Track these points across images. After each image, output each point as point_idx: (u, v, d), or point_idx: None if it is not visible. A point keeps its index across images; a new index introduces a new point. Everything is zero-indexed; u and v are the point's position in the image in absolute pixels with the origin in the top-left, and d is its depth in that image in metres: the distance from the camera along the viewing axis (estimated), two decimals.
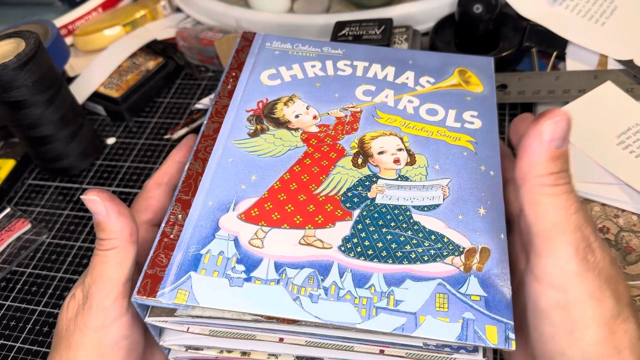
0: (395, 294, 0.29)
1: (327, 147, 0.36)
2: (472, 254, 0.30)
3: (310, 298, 0.29)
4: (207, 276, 0.30)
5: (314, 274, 0.30)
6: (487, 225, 0.32)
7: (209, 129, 0.37)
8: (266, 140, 0.36)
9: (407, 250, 0.31)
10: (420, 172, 0.34)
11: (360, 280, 0.29)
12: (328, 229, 0.32)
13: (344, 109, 0.38)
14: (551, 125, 0.26)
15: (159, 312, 0.30)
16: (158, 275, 0.30)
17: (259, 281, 0.29)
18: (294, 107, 0.38)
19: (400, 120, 0.38)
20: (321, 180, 0.34)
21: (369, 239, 0.31)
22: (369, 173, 0.34)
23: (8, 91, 0.48)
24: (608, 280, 0.26)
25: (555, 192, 0.26)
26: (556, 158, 0.26)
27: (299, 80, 0.40)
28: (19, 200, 0.55)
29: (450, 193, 0.33)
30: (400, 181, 0.34)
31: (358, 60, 0.42)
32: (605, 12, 0.56)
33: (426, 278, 0.30)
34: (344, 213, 0.32)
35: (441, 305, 0.29)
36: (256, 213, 0.32)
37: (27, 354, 0.43)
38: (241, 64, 0.42)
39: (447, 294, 0.29)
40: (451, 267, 0.30)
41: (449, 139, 0.36)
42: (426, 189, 0.34)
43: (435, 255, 0.30)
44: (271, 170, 0.35)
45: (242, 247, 0.31)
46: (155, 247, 0.31)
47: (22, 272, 0.49)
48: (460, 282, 0.29)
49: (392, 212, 0.33)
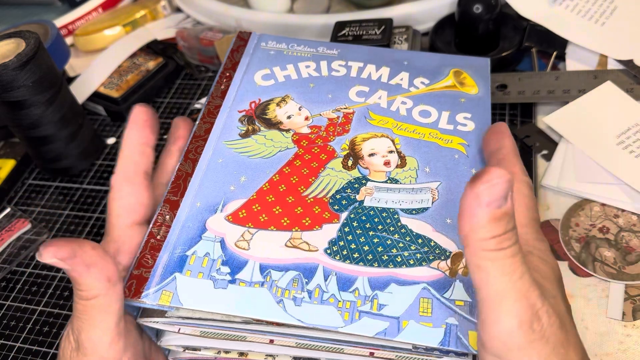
0: (379, 298, 0.29)
1: (318, 148, 0.36)
2: (458, 258, 0.30)
3: (293, 301, 0.28)
4: (191, 277, 0.29)
5: (298, 277, 0.29)
6: None
7: (201, 130, 0.37)
8: (257, 141, 0.36)
9: (393, 253, 0.30)
10: (410, 175, 0.34)
11: (344, 284, 0.29)
12: (315, 232, 0.31)
13: (337, 110, 0.38)
14: (488, 189, 0.23)
15: (151, 313, 0.30)
16: (143, 276, 0.29)
17: (244, 283, 0.29)
18: (287, 108, 0.38)
19: (393, 121, 0.37)
20: (310, 182, 0.34)
21: (355, 242, 0.31)
22: (359, 175, 0.34)
23: (8, 91, 0.48)
24: (557, 346, 0.25)
25: (498, 256, 0.24)
26: (498, 219, 0.24)
27: (293, 81, 0.40)
28: (19, 200, 0.55)
29: (440, 196, 0.33)
30: (390, 184, 0.34)
31: (353, 60, 0.42)
32: (605, 12, 0.56)
33: (411, 282, 0.29)
34: (332, 215, 0.32)
35: (425, 309, 0.28)
36: (244, 215, 0.32)
37: (27, 354, 0.43)
38: (235, 64, 0.41)
39: (431, 298, 0.29)
40: (437, 272, 0.30)
41: (441, 141, 0.36)
42: (415, 192, 0.33)
43: (422, 259, 0.30)
44: (260, 171, 0.34)
45: (228, 248, 0.31)
46: (142, 248, 0.31)
47: (22, 272, 0.49)
48: (445, 287, 0.29)
49: (380, 215, 0.32)
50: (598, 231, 0.43)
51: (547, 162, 0.48)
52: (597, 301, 0.39)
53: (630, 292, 0.39)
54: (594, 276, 0.40)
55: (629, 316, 0.38)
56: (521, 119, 0.52)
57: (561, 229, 0.43)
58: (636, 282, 0.40)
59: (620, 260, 0.41)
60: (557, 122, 0.49)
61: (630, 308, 0.38)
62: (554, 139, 0.49)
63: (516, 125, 0.52)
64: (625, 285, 0.39)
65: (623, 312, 0.38)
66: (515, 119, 0.52)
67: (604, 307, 0.39)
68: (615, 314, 0.38)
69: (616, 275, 0.40)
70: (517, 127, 0.51)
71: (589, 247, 0.42)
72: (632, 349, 0.36)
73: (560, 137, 0.48)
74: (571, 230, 0.43)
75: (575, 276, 0.41)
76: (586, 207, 0.44)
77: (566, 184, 0.45)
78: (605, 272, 0.40)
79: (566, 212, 0.44)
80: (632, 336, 0.37)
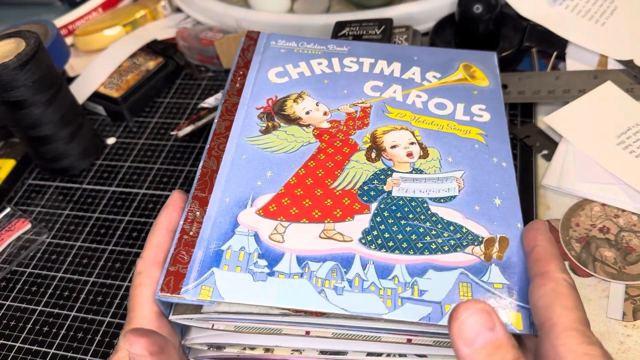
0: (419, 284, 0.29)
1: (340, 142, 0.36)
2: (491, 243, 0.31)
3: (335, 290, 0.29)
4: (230, 271, 0.30)
5: (336, 267, 0.30)
6: (504, 215, 0.32)
7: (221, 127, 0.37)
8: (278, 137, 0.37)
9: (427, 241, 0.31)
10: (434, 165, 0.35)
11: (383, 272, 0.30)
12: (347, 223, 0.32)
13: (354, 105, 0.39)
14: (458, 327, 0.23)
15: (182, 310, 0.30)
16: (180, 272, 0.29)
17: (283, 275, 0.29)
18: (304, 104, 0.39)
19: (410, 114, 0.38)
20: (336, 174, 0.34)
21: (388, 231, 0.31)
22: (384, 167, 0.35)
23: (8, 91, 0.48)
24: None
25: None
26: (492, 353, 0.23)
27: (307, 78, 0.41)
28: (19, 200, 0.55)
29: (465, 184, 0.34)
30: (415, 174, 0.34)
31: (363, 57, 0.42)
32: (605, 12, 0.56)
33: (448, 268, 0.30)
34: (362, 206, 0.33)
35: (465, 293, 0.29)
36: (274, 208, 0.33)
37: (27, 354, 0.43)
38: (247, 63, 0.42)
39: (470, 282, 0.29)
40: (472, 257, 0.30)
41: (459, 132, 0.37)
42: (441, 181, 0.34)
43: (455, 246, 0.31)
44: (286, 166, 0.35)
45: (262, 242, 0.31)
46: (176, 244, 0.31)
47: (22, 272, 0.49)
48: (482, 271, 0.30)
49: (409, 205, 0.33)
50: (598, 231, 0.43)
51: (547, 162, 0.48)
52: (598, 301, 0.39)
53: (631, 292, 0.39)
54: (595, 276, 0.40)
55: (629, 316, 0.38)
56: (521, 119, 0.52)
57: (561, 229, 0.43)
58: (636, 282, 0.39)
59: (621, 260, 0.41)
60: (557, 122, 0.49)
61: (631, 308, 0.38)
62: (554, 139, 0.49)
63: (516, 125, 0.52)
64: (626, 286, 0.39)
65: (623, 312, 0.38)
66: (516, 119, 0.52)
67: (604, 307, 0.39)
68: (616, 314, 0.38)
69: (616, 275, 0.40)
70: (517, 127, 0.51)
71: (589, 247, 0.42)
72: (633, 349, 0.36)
73: (561, 137, 0.48)
74: (571, 231, 0.43)
75: (575, 276, 0.41)
76: (586, 207, 0.44)
77: (566, 184, 0.45)
78: (605, 272, 0.40)
79: (566, 212, 0.44)
80: (632, 336, 0.37)
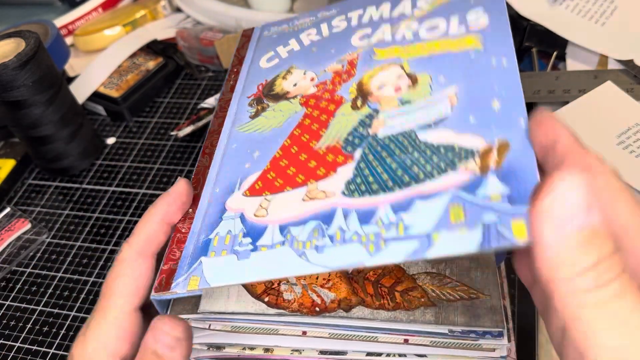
0: (404, 220, 0.26)
1: (326, 102, 0.35)
2: (488, 152, 0.28)
3: (315, 249, 0.27)
4: (216, 257, 0.29)
5: (318, 226, 0.28)
6: (503, 116, 0.29)
7: (214, 125, 0.37)
8: (267, 117, 0.36)
9: (414, 172, 0.29)
10: (423, 91, 0.32)
11: (365, 217, 0.28)
12: (330, 178, 0.30)
13: (340, 61, 0.37)
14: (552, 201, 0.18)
15: (181, 310, 0.30)
16: (172, 269, 0.29)
17: (265, 248, 0.28)
18: (292, 78, 0.38)
19: (398, 49, 0.36)
20: (321, 134, 0.33)
21: (372, 174, 0.29)
22: (369, 111, 0.33)
23: (8, 91, 0.48)
24: None
25: (600, 300, 0.18)
26: (587, 242, 0.18)
27: (296, 52, 0.40)
28: (19, 200, 0.55)
29: (459, 100, 0.31)
30: (403, 106, 0.32)
31: (352, 11, 0.40)
32: (605, 12, 0.56)
33: (437, 194, 0.27)
34: (345, 157, 0.31)
35: (457, 216, 0.26)
36: (260, 186, 0.32)
37: (27, 354, 0.43)
38: (242, 60, 0.42)
39: (462, 203, 0.26)
40: (465, 174, 0.27)
41: (453, 46, 0.34)
42: (431, 105, 0.31)
43: (446, 167, 0.28)
44: (272, 142, 0.34)
45: (247, 221, 0.30)
46: (170, 244, 0.31)
47: (22, 272, 0.49)
48: (477, 186, 0.26)
49: (396, 141, 0.31)
50: None
51: None
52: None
53: None
54: None
55: None
56: None
57: None
58: None
59: None
60: None
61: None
62: None
63: None
64: None
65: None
66: None
67: None
68: None
69: None
70: None
71: None
72: None
73: None
74: None
75: None
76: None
77: None
78: None
79: None
80: None
